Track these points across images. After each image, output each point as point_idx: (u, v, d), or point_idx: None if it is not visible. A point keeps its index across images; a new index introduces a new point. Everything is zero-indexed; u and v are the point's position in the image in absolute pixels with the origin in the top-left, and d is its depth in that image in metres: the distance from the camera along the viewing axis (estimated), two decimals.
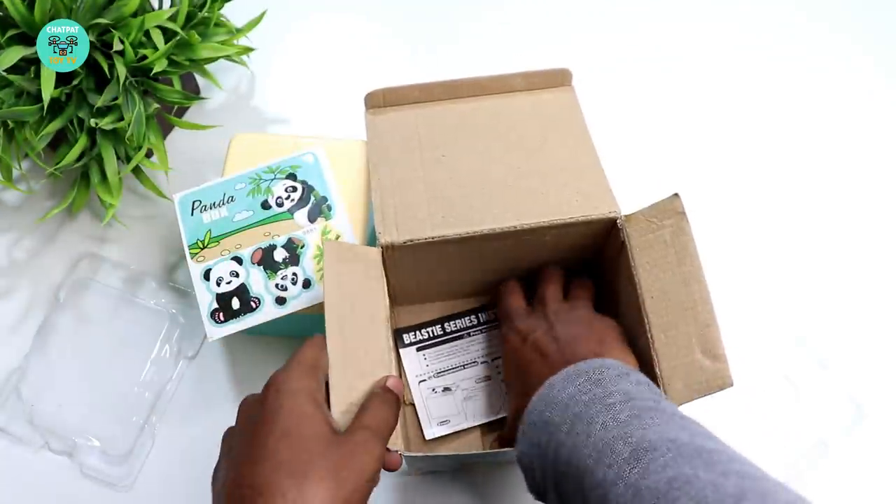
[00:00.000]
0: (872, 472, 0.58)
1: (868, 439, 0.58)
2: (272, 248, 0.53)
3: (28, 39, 0.54)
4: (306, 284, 0.52)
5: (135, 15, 0.55)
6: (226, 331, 0.51)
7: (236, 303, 0.52)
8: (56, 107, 0.55)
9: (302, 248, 0.53)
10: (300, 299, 0.52)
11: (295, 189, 0.55)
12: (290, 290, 0.52)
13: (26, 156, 0.60)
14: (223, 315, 0.52)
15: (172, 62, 0.57)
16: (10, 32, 0.53)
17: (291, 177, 0.56)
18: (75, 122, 0.56)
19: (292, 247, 0.53)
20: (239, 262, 0.53)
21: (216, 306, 0.52)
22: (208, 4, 0.59)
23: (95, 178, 0.59)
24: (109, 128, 0.55)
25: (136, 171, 0.60)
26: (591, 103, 0.55)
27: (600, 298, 0.53)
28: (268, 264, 0.53)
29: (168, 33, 0.57)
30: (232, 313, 0.52)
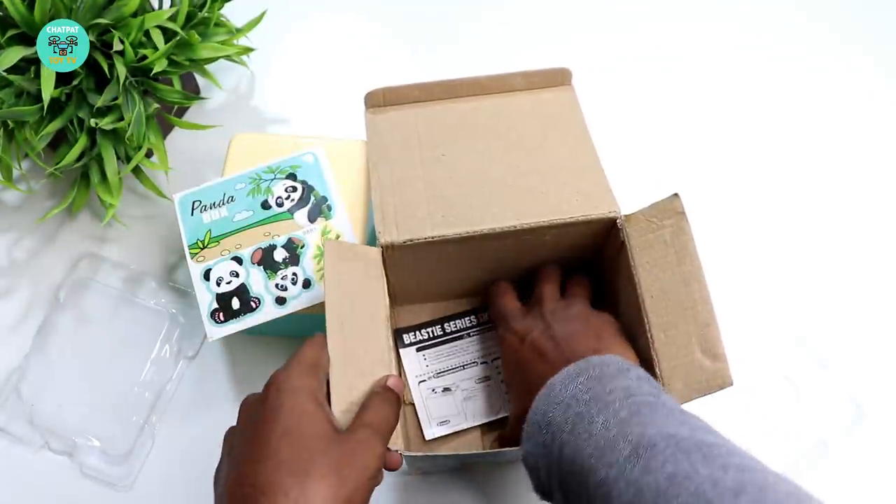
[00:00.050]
0: (872, 472, 0.58)
1: (868, 439, 0.58)
2: (272, 248, 0.53)
3: (28, 39, 0.54)
4: (306, 284, 0.52)
5: (135, 15, 0.55)
6: (226, 331, 0.51)
7: (236, 303, 0.52)
8: (56, 107, 0.55)
9: (302, 248, 0.53)
10: (300, 299, 0.52)
11: (295, 189, 0.55)
12: (290, 290, 0.52)
13: (26, 156, 0.60)
14: (223, 315, 0.52)
15: (172, 62, 0.57)
16: (10, 32, 0.53)
17: (291, 177, 0.56)
18: (75, 122, 0.56)
19: (292, 247, 0.53)
20: (239, 262, 0.53)
21: (216, 306, 0.52)
22: (208, 4, 0.59)
23: (95, 178, 0.60)
24: (109, 128, 0.55)
25: (136, 171, 0.61)
26: (591, 103, 0.55)
27: (600, 298, 0.53)
28: (268, 264, 0.53)
29: (168, 33, 0.57)
30: (232, 313, 0.52)
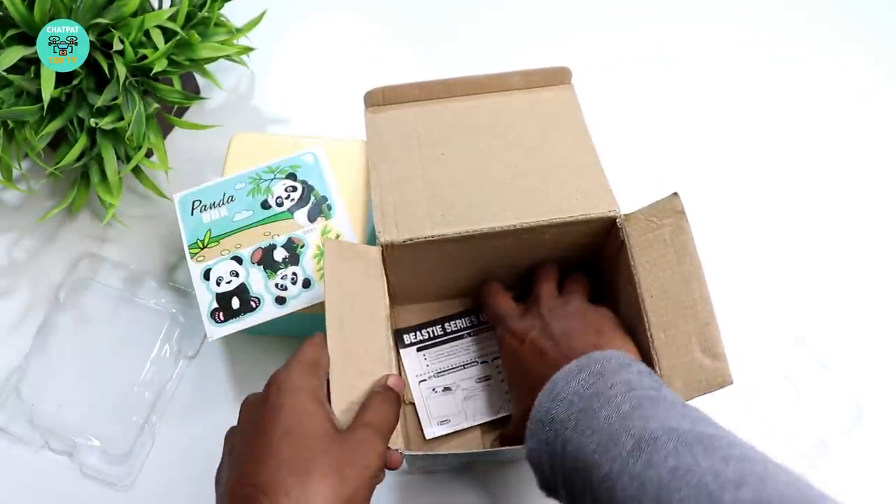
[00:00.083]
0: (872, 472, 0.58)
1: (868, 439, 0.58)
2: (272, 248, 0.53)
3: (28, 39, 0.54)
4: (306, 284, 0.52)
5: (135, 15, 0.55)
6: (226, 330, 0.51)
7: (236, 302, 0.52)
8: (56, 107, 0.55)
9: (302, 247, 0.53)
10: (300, 299, 0.52)
11: (295, 189, 0.55)
12: (289, 289, 0.52)
13: (26, 156, 0.60)
14: (223, 315, 0.52)
15: (172, 62, 0.57)
16: (10, 32, 0.53)
17: (291, 176, 0.56)
18: (75, 121, 0.56)
19: (292, 246, 0.53)
20: (239, 261, 0.53)
21: (216, 306, 0.52)
22: (208, 4, 0.59)
23: (95, 177, 0.60)
24: (109, 128, 0.55)
25: (136, 170, 0.61)
26: (591, 103, 0.55)
27: (600, 297, 0.53)
28: (268, 264, 0.53)
29: (168, 33, 0.57)
30: (232, 313, 0.52)
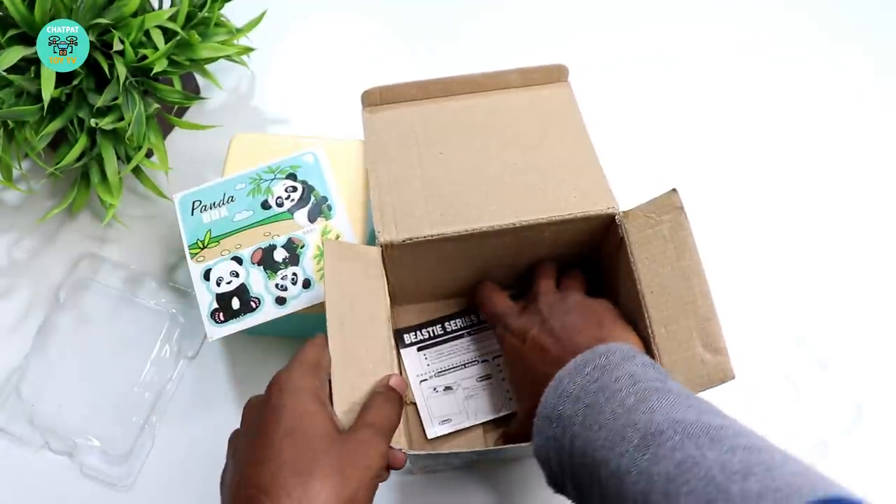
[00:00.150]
0: (872, 472, 0.58)
1: (868, 439, 0.58)
2: (272, 248, 0.53)
3: (28, 39, 0.54)
4: (306, 284, 0.52)
5: (135, 15, 0.55)
6: (226, 331, 0.51)
7: (236, 303, 0.52)
8: (56, 107, 0.55)
9: (302, 247, 0.53)
10: (300, 299, 0.52)
11: (295, 189, 0.55)
12: (290, 290, 0.52)
13: (26, 156, 0.60)
14: (223, 315, 0.52)
15: (172, 62, 0.57)
16: (10, 32, 0.53)
17: (291, 177, 0.56)
18: (75, 122, 0.56)
19: (292, 247, 0.53)
20: (239, 262, 0.53)
21: (216, 306, 0.52)
22: (208, 4, 0.59)
23: (95, 178, 0.60)
24: (109, 128, 0.55)
25: (136, 171, 0.61)
26: (591, 103, 0.55)
27: (599, 294, 0.53)
28: (268, 264, 0.53)
29: (168, 33, 0.57)
30: (232, 313, 0.52)
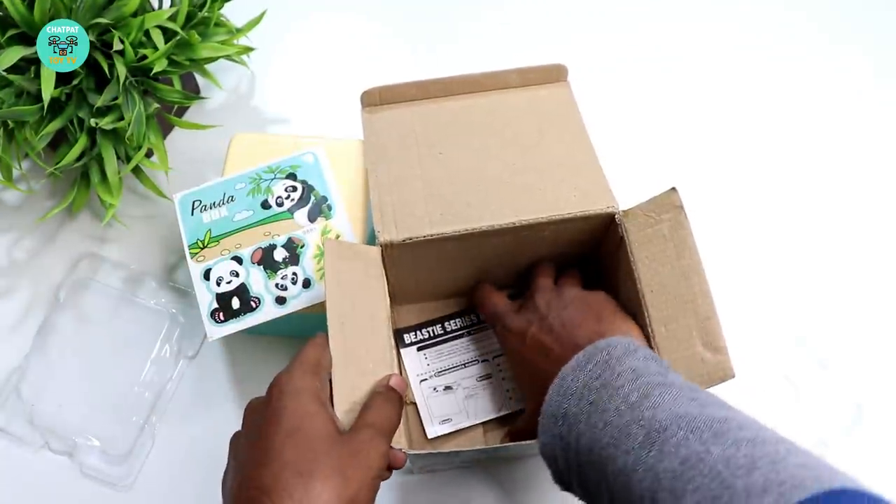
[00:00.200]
0: (872, 472, 0.57)
1: (868, 439, 0.58)
2: (272, 248, 0.53)
3: (28, 39, 0.54)
4: (306, 284, 0.52)
5: (135, 15, 0.55)
6: (226, 330, 0.51)
7: (236, 302, 0.52)
8: (56, 107, 0.55)
9: (302, 247, 0.53)
10: (300, 299, 0.52)
11: (295, 189, 0.55)
12: (290, 289, 0.52)
13: (26, 156, 0.60)
14: (223, 315, 0.52)
15: (172, 62, 0.57)
16: (10, 32, 0.53)
17: (291, 176, 0.56)
18: (75, 121, 0.56)
19: (292, 246, 0.53)
20: (239, 261, 0.53)
21: (216, 306, 0.52)
22: (208, 4, 0.59)
23: (95, 177, 0.60)
24: (109, 128, 0.55)
25: (136, 170, 0.61)
26: (591, 103, 0.55)
27: None
28: (268, 264, 0.53)
29: (168, 33, 0.57)
30: (232, 313, 0.52)
